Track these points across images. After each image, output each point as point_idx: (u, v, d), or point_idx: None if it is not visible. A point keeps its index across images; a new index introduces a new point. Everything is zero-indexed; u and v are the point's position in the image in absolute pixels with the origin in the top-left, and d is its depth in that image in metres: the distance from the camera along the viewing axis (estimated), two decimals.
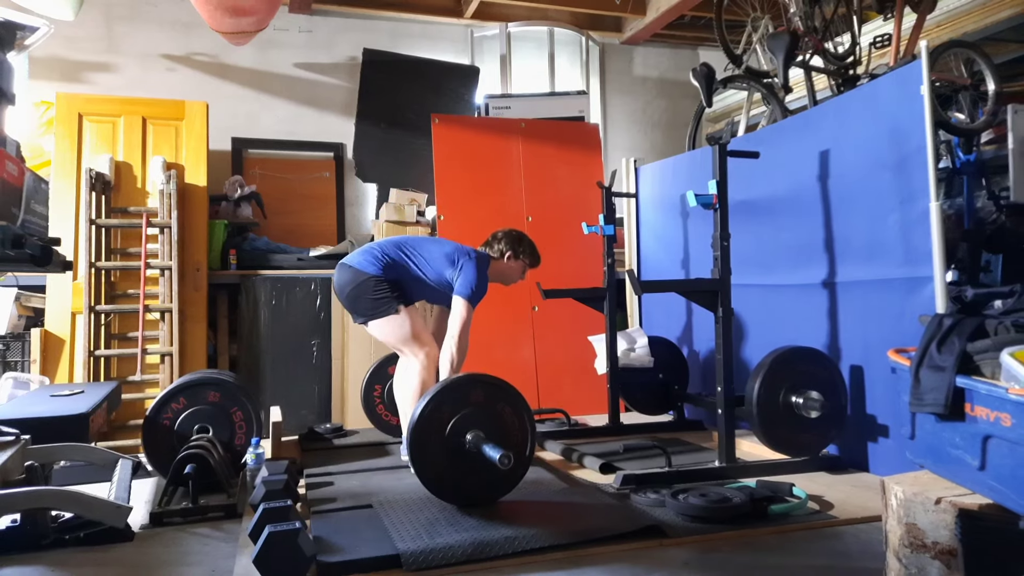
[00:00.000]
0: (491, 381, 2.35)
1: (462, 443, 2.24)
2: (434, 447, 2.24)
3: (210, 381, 2.84)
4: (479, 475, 2.26)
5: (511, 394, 2.35)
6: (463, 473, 2.26)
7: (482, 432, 2.25)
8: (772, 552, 1.98)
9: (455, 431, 2.25)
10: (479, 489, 2.29)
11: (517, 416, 2.34)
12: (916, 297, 2.52)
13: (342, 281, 2.87)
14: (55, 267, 2.25)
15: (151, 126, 4.05)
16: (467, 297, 2.80)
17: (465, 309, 2.80)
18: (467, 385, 2.31)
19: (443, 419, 2.24)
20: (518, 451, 2.30)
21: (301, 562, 1.74)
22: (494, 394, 2.32)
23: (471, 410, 2.27)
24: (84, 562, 2.03)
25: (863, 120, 2.81)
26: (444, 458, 2.24)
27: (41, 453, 2.41)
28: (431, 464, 2.24)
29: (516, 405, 2.35)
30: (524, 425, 2.35)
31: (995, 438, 1.61)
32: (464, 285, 2.82)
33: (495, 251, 3.03)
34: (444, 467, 2.24)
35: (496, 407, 2.31)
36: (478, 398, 2.29)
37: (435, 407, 2.24)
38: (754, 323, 3.44)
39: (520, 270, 3.08)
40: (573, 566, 1.90)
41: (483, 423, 2.27)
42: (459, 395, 2.28)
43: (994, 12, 3.61)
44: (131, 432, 3.61)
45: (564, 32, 5.55)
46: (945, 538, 1.60)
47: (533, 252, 3.08)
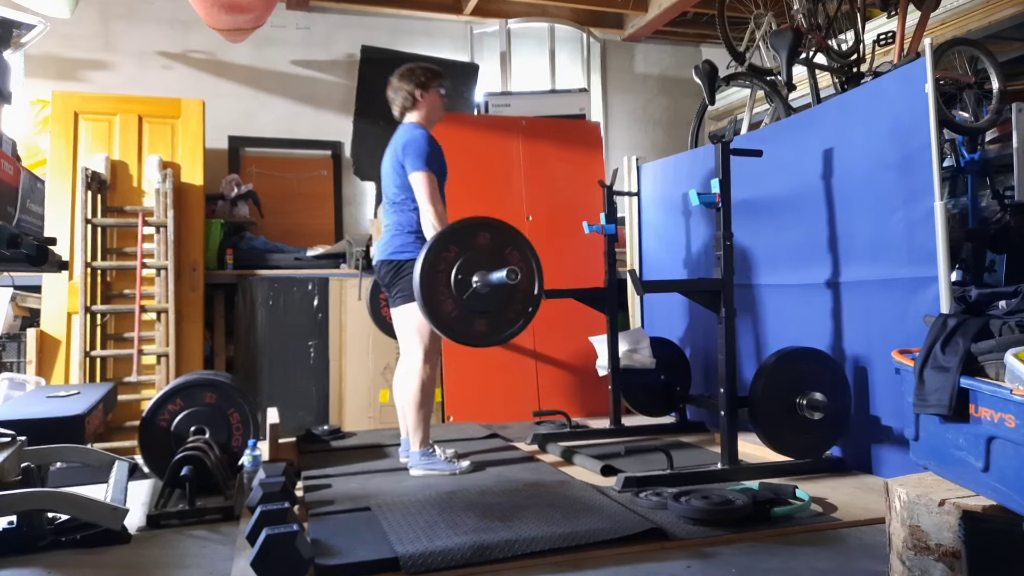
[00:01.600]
0: (496, 224, 2.39)
1: (468, 280, 2.29)
2: (441, 287, 2.27)
3: (207, 382, 2.82)
4: (485, 317, 2.32)
5: (516, 239, 2.40)
6: (470, 312, 2.31)
7: (487, 270, 2.31)
8: (775, 555, 1.96)
9: (462, 270, 2.30)
10: (485, 330, 2.35)
11: (524, 260, 2.39)
12: (920, 297, 2.50)
13: (383, 276, 2.86)
14: (51, 267, 2.24)
15: (147, 124, 4.03)
16: (420, 168, 2.68)
17: (424, 179, 2.67)
18: (474, 227, 2.35)
19: (449, 259, 2.29)
20: (526, 287, 2.36)
21: (299, 565, 1.72)
22: (501, 238, 2.37)
23: (477, 252, 2.32)
24: (80, 564, 2.02)
25: (867, 118, 2.80)
26: (449, 297, 2.28)
27: (37, 455, 2.39)
28: (438, 303, 2.28)
29: (521, 248, 2.41)
30: (530, 263, 2.40)
31: (999, 439, 1.61)
32: (412, 160, 2.69)
33: (407, 103, 2.84)
34: (450, 305, 2.29)
35: (500, 249, 2.37)
36: (483, 240, 2.33)
37: (442, 248, 2.29)
38: (757, 323, 3.42)
39: (438, 97, 2.89)
40: (574, 569, 1.89)
41: (488, 264, 2.33)
42: (464, 236, 2.32)
43: (998, 10, 3.59)
44: (127, 433, 3.59)
45: (565, 29, 5.53)
46: (949, 540, 1.60)
47: (434, 70, 2.88)
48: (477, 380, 4.05)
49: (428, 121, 2.88)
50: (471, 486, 2.57)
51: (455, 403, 4.01)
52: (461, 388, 4.04)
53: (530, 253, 2.43)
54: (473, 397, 4.03)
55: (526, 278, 2.37)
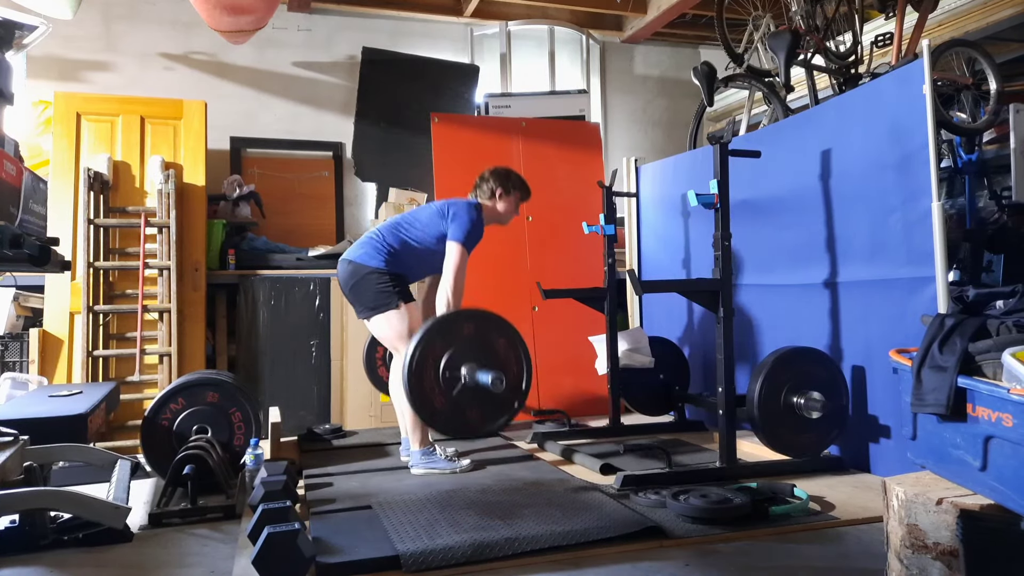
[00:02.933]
0: (483, 315, 2.36)
1: (457, 374, 2.25)
2: (429, 381, 2.24)
3: (209, 382, 2.83)
4: (475, 407, 2.27)
5: (504, 328, 2.36)
6: (459, 405, 2.27)
7: (476, 364, 2.26)
8: (773, 553, 1.97)
9: (450, 364, 2.25)
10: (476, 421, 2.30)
11: (513, 351, 2.35)
12: (918, 297, 2.51)
13: (343, 276, 2.87)
14: (53, 267, 2.25)
15: (149, 125, 4.04)
16: (460, 240, 2.77)
17: (458, 253, 2.76)
18: (460, 319, 2.32)
19: (437, 353, 2.24)
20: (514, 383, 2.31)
21: (300, 563, 1.73)
22: (487, 327, 2.33)
23: (464, 344, 2.28)
24: (83, 563, 2.02)
25: (865, 119, 2.81)
26: (438, 391, 2.25)
27: (40, 454, 2.40)
28: (426, 396, 2.25)
29: (510, 339, 2.36)
30: (519, 358, 2.36)
31: (997, 439, 1.61)
32: (456, 229, 2.79)
33: (484, 192, 2.99)
34: (438, 399, 2.25)
35: (489, 340, 2.32)
36: (469, 332, 2.29)
37: (428, 343, 2.24)
38: (755, 323, 3.43)
39: (514, 205, 3.04)
40: (573, 567, 1.90)
41: (477, 356, 2.28)
42: (452, 329, 2.28)
43: (996, 11, 3.60)
44: (130, 433, 3.61)
45: (564, 31, 5.54)
46: (946, 539, 1.60)
47: (523, 184, 3.04)
48: None
49: (492, 215, 3.00)
50: (471, 484, 2.58)
51: None
52: None
53: (516, 339, 2.38)
54: None
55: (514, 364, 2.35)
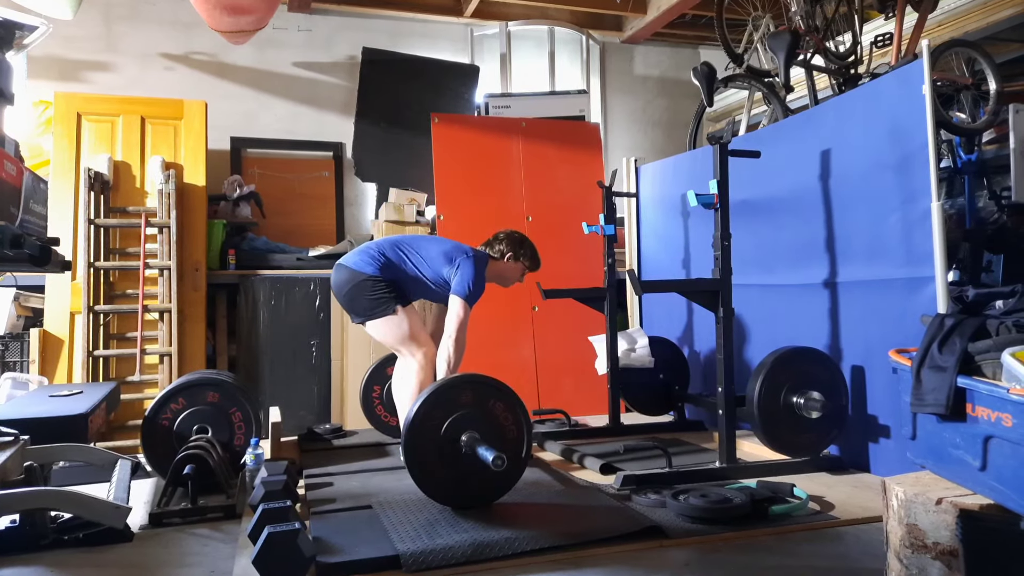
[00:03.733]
0: (482, 381, 2.33)
1: (457, 446, 2.23)
2: (428, 450, 2.23)
3: (209, 381, 2.83)
4: (475, 476, 2.25)
5: (504, 392, 2.33)
6: (459, 475, 2.25)
7: (476, 433, 2.23)
8: (773, 553, 1.97)
9: (448, 434, 2.23)
10: (476, 491, 2.28)
11: (512, 414, 2.33)
12: (917, 297, 2.51)
13: (339, 281, 2.86)
14: (54, 267, 2.25)
15: (150, 125, 4.05)
16: (464, 296, 2.79)
17: (462, 308, 2.78)
18: (458, 387, 2.30)
19: (436, 422, 2.23)
20: (514, 450, 2.29)
21: (300, 563, 1.73)
22: (485, 393, 2.31)
23: (463, 412, 2.25)
24: (83, 563, 2.02)
25: (864, 119, 2.81)
26: (439, 461, 2.23)
27: (40, 453, 2.40)
28: (426, 467, 2.23)
29: (509, 403, 2.33)
30: (519, 423, 2.34)
31: (996, 438, 1.61)
32: (461, 284, 2.80)
33: (495, 251, 3.02)
34: (439, 470, 2.23)
35: (488, 407, 2.30)
36: (468, 399, 2.28)
37: (427, 410, 2.23)
38: (755, 323, 3.44)
39: (519, 272, 3.07)
40: (573, 567, 1.90)
41: (476, 424, 2.25)
42: (450, 397, 2.27)
43: (995, 11, 3.60)
44: (130, 432, 3.61)
45: (564, 31, 5.54)
46: (946, 539, 1.60)
47: (534, 256, 3.07)
48: None
49: (494, 273, 3.01)
50: None
51: None
52: None
53: (515, 402, 2.34)
54: None
55: (513, 427, 2.32)
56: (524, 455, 2.35)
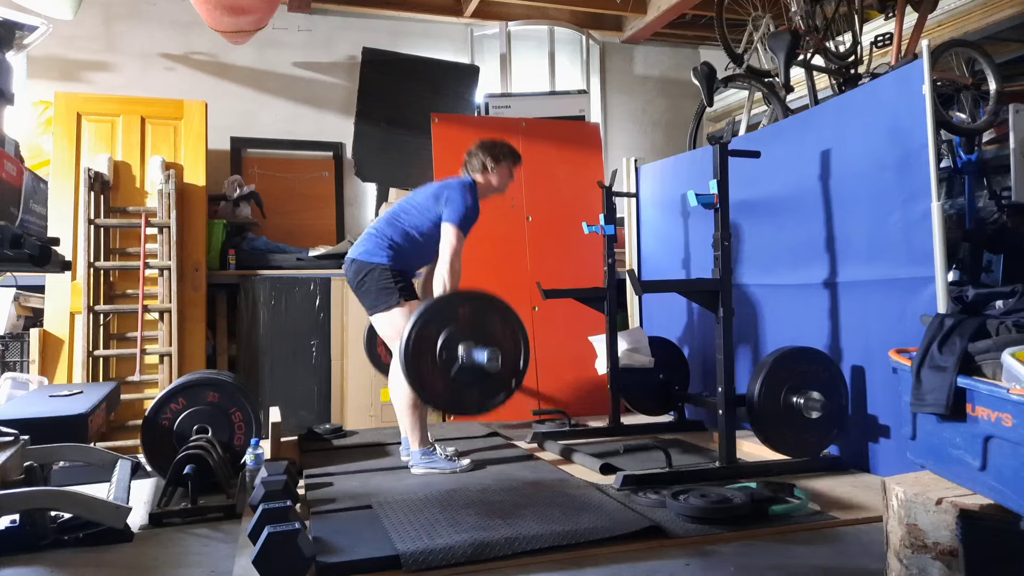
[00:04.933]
0: (478, 296, 2.38)
1: (453, 355, 2.27)
2: (425, 363, 2.27)
3: (209, 381, 2.83)
4: (474, 387, 2.30)
5: (500, 307, 2.37)
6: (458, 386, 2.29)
7: (472, 343, 2.28)
8: (773, 553, 1.97)
9: (445, 346, 2.27)
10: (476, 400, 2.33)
11: (508, 328, 2.36)
12: (917, 297, 2.51)
13: (350, 275, 2.89)
14: (54, 267, 2.25)
15: (150, 126, 4.05)
16: (456, 223, 2.77)
17: (454, 235, 2.76)
18: (454, 302, 2.34)
19: (432, 334, 2.27)
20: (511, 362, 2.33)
21: (300, 563, 1.73)
22: (482, 308, 2.35)
23: (460, 325, 2.29)
24: (83, 563, 2.02)
25: (864, 119, 2.81)
26: (437, 373, 2.28)
27: (40, 453, 2.40)
28: (425, 380, 2.28)
29: (506, 317, 2.37)
30: (516, 337, 2.37)
31: (996, 438, 1.61)
32: (451, 212, 2.78)
33: (475, 167, 2.99)
34: (438, 381, 2.28)
35: (485, 321, 2.34)
36: (465, 313, 2.31)
37: (424, 324, 2.27)
38: (755, 323, 3.44)
39: (507, 173, 3.03)
40: (573, 567, 1.90)
41: (473, 337, 2.30)
42: (446, 312, 2.30)
43: (995, 11, 3.60)
44: (130, 432, 3.61)
45: (564, 31, 5.54)
46: (946, 539, 1.60)
47: (512, 151, 3.02)
48: None
49: (487, 189, 2.99)
50: (471, 484, 2.58)
51: None
52: None
53: (513, 318, 2.39)
54: None
55: (511, 343, 2.35)
56: (521, 366, 2.38)
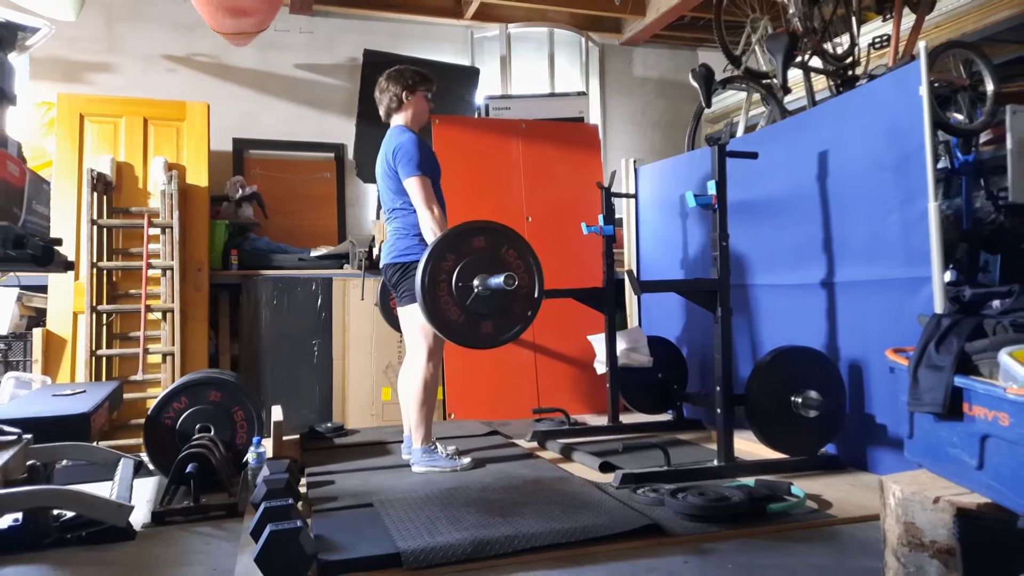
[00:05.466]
0: (493, 227, 2.41)
1: (470, 286, 2.31)
2: (444, 295, 2.30)
3: (212, 381, 2.85)
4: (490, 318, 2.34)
5: (514, 238, 2.41)
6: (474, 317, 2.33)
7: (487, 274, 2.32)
8: (771, 551, 1.98)
9: (462, 276, 2.31)
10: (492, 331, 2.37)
11: (523, 260, 2.41)
12: (915, 297, 2.52)
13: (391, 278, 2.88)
14: (57, 267, 2.26)
15: (152, 127, 4.06)
16: (413, 173, 2.70)
17: (418, 184, 2.68)
18: (469, 232, 2.37)
19: (449, 265, 2.31)
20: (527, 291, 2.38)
21: (302, 560, 1.74)
22: (497, 239, 2.39)
23: (475, 256, 2.33)
24: (86, 561, 2.03)
25: (862, 121, 2.82)
26: (453, 303, 2.31)
27: (43, 452, 2.42)
28: (440, 312, 2.31)
29: (520, 249, 2.42)
30: (530, 267, 2.42)
31: (993, 437, 1.62)
32: (404, 166, 2.71)
33: (393, 106, 2.84)
34: (453, 311, 2.31)
35: (500, 253, 2.38)
36: (481, 244, 2.35)
37: (440, 254, 2.31)
38: (753, 323, 3.45)
39: (425, 99, 2.88)
40: (572, 564, 1.91)
41: (488, 268, 2.34)
42: (462, 242, 2.33)
43: (993, 13, 3.62)
44: (133, 431, 3.62)
45: (564, 33, 5.55)
46: (943, 537, 1.61)
47: (417, 72, 2.86)
48: (478, 378, 4.08)
49: (415, 123, 2.88)
50: (472, 483, 2.60)
51: (456, 401, 4.04)
52: (462, 386, 4.07)
53: (526, 249, 2.45)
54: (474, 395, 4.06)
55: (525, 275, 2.40)
56: (536, 295, 2.42)
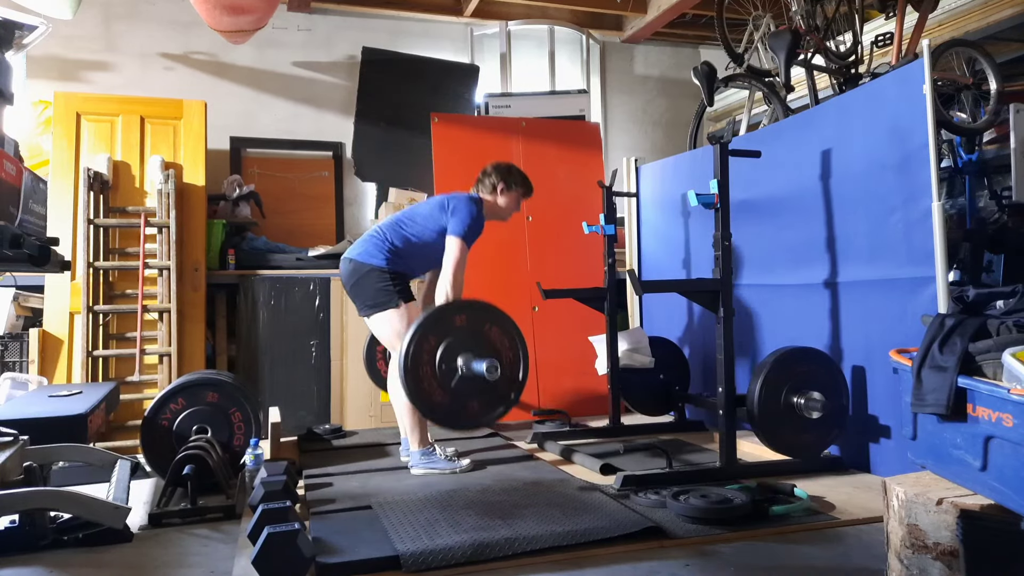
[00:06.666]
0: (476, 305, 2.36)
1: (453, 367, 2.25)
2: (425, 373, 2.25)
3: (209, 382, 2.83)
4: (474, 399, 2.28)
5: (499, 316, 2.36)
6: (458, 398, 2.27)
7: (471, 355, 2.26)
8: (773, 553, 1.97)
9: (445, 357, 2.26)
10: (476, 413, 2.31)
11: (507, 338, 2.35)
12: (918, 297, 2.51)
13: (345, 274, 2.88)
14: (53, 267, 2.25)
15: (149, 125, 4.04)
16: (460, 235, 2.77)
17: (458, 247, 2.76)
18: (452, 311, 2.32)
19: (431, 346, 2.25)
20: (511, 372, 2.31)
21: (300, 563, 1.73)
22: (480, 317, 2.33)
23: (458, 336, 2.28)
24: (82, 563, 2.02)
25: (865, 119, 2.81)
26: (437, 385, 2.26)
27: (39, 454, 2.41)
28: (424, 392, 2.26)
29: (505, 327, 2.36)
30: (515, 346, 2.35)
31: (997, 439, 1.61)
32: (456, 224, 2.78)
33: (486, 187, 2.99)
34: (438, 393, 2.26)
35: (484, 331, 2.32)
36: (463, 323, 2.30)
37: (423, 335, 2.25)
38: (755, 323, 3.44)
39: (515, 201, 3.03)
40: (573, 567, 1.90)
41: (472, 348, 2.28)
42: (445, 322, 2.28)
43: (996, 11, 3.60)
44: (130, 433, 3.61)
45: (564, 30, 5.54)
46: (946, 539, 1.60)
47: (525, 180, 3.04)
48: None
49: (491, 209, 2.99)
50: (471, 485, 2.58)
51: None
52: None
53: (510, 326, 2.37)
54: None
55: (510, 351, 2.34)
56: (521, 378, 2.36)
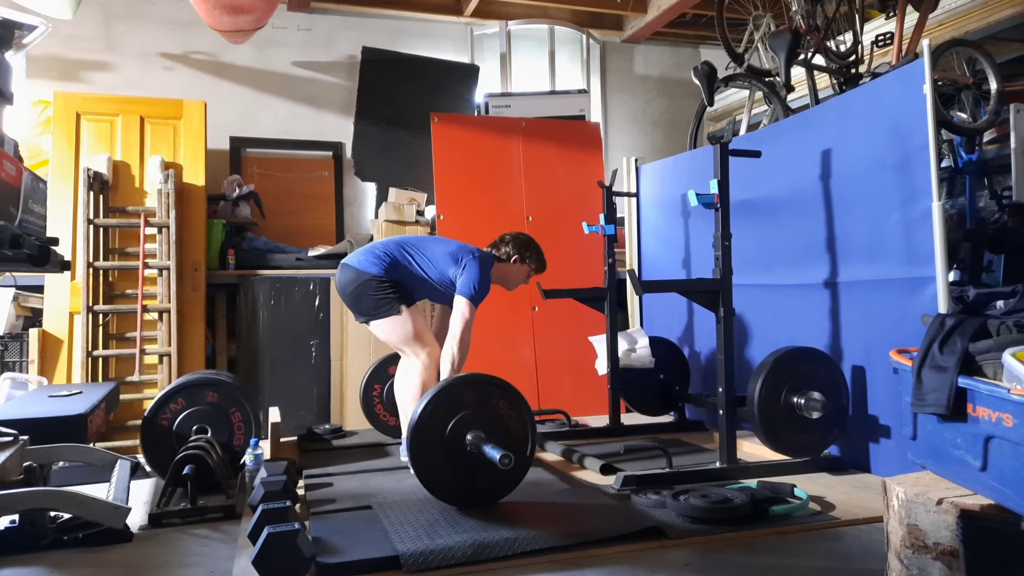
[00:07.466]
0: (486, 380, 2.34)
1: (462, 445, 2.24)
2: (434, 450, 2.23)
3: (209, 382, 2.83)
4: (480, 475, 2.25)
5: (508, 392, 2.34)
6: (464, 474, 2.25)
7: (481, 432, 2.24)
8: (773, 553, 1.97)
9: (454, 433, 2.24)
10: (481, 489, 2.28)
11: (516, 413, 2.33)
12: (918, 297, 2.51)
13: (343, 281, 2.87)
14: (53, 267, 2.25)
15: (149, 125, 4.05)
16: (469, 296, 2.79)
17: (467, 308, 2.79)
18: (462, 386, 2.30)
19: (441, 422, 2.24)
20: (518, 449, 2.29)
21: (300, 563, 1.73)
22: (489, 393, 2.31)
23: (468, 411, 2.26)
24: (82, 563, 2.02)
25: (865, 119, 2.81)
26: (444, 460, 2.24)
27: (39, 454, 2.40)
28: (431, 466, 2.23)
29: (513, 402, 2.34)
30: (524, 423, 2.34)
31: (997, 439, 1.61)
32: (467, 284, 2.81)
33: (501, 253, 3.02)
34: (444, 469, 2.24)
35: (493, 406, 2.30)
36: (472, 399, 2.28)
37: (432, 410, 2.23)
38: (755, 323, 3.43)
39: (524, 275, 3.07)
40: (574, 567, 1.90)
41: (481, 423, 2.26)
42: (454, 397, 2.27)
43: (996, 11, 3.60)
44: (129, 433, 3.61)
45: (564, 30, 5.54)
46: (947, 539, 1.60)
47: (540, 258, 3.07)
48: None
49: (500, 272, 3.00)
50: None
51: None
52: None
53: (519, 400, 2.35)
54: None
55: (518, 424, 2.32)
56: (529, 454, 2.35)
